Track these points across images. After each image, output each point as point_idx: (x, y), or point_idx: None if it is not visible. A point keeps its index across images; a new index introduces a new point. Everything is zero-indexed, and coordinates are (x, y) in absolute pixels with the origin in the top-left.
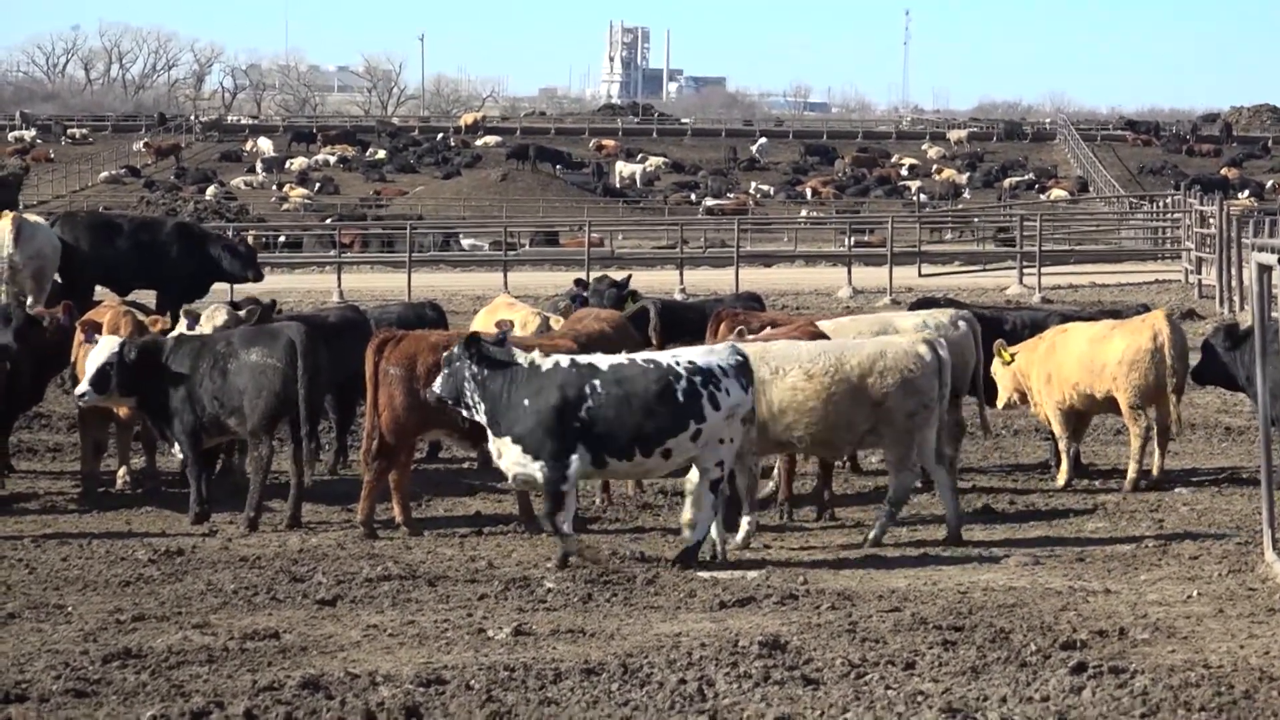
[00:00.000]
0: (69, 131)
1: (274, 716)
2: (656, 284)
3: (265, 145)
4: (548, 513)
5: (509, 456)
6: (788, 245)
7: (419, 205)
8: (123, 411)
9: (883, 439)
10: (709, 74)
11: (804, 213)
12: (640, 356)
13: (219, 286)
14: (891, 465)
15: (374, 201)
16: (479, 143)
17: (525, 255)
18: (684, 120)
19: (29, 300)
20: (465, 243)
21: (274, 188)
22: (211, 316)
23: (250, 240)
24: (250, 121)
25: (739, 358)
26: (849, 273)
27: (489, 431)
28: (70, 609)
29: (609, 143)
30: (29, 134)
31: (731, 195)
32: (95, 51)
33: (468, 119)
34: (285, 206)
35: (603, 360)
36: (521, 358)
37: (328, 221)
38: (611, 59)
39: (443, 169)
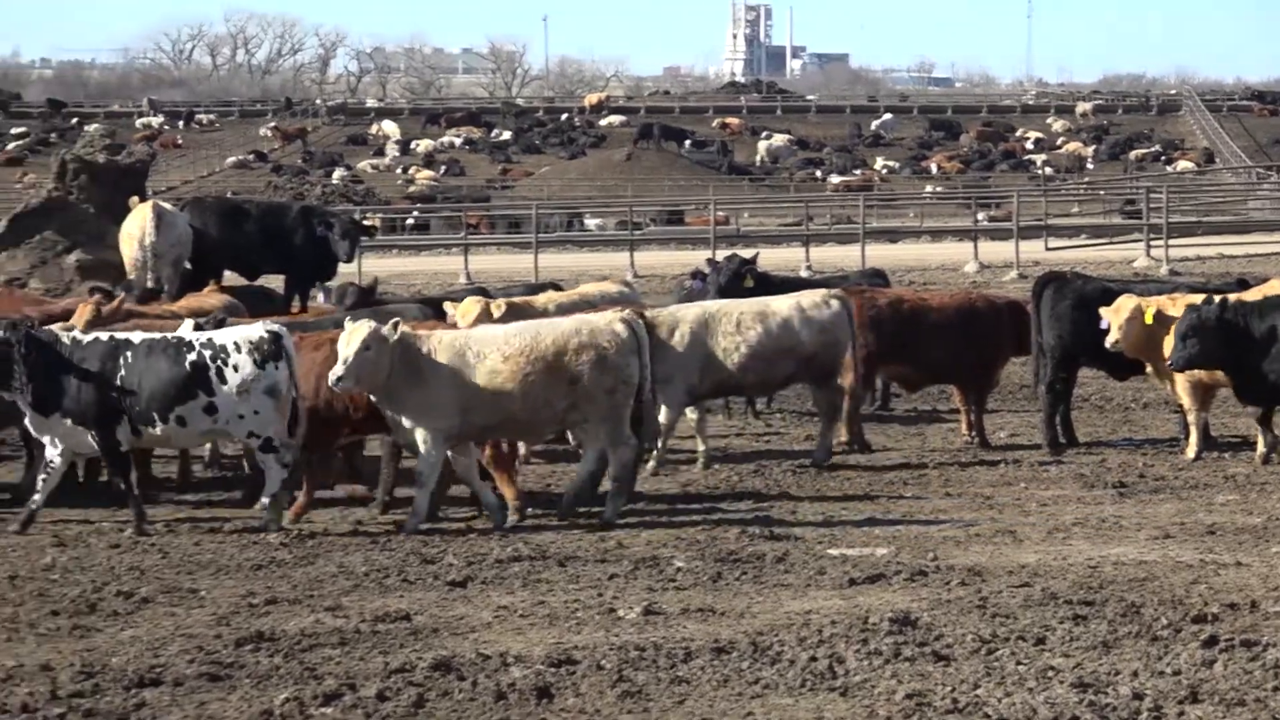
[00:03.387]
0: (196, 118)
1: (406, 698)
2: (782, 261)
3: (391, 128)
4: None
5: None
6: (913, 221)
7: (544, 186)
8: None
9: (587, 419)
10: (832, 50)
11: (929, 188)
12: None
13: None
14: (606, 445)
15: (500, 183)
16: (603, 123)
17: (650, 234)
18: (808, 97)
19: (165, 288)
20: (590, 223)
21: (400, 170)
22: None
23: (376, 223)
24: (375, 105)
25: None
26: (975, 248)
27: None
28: (203, 593)
29: (733, 121)
30: (156, 120)
31: (857, 171)
32: (221, 38)
33: (592, 99)
34: (411, 189)
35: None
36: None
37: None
38: (735, 37)
39: (568, 149)
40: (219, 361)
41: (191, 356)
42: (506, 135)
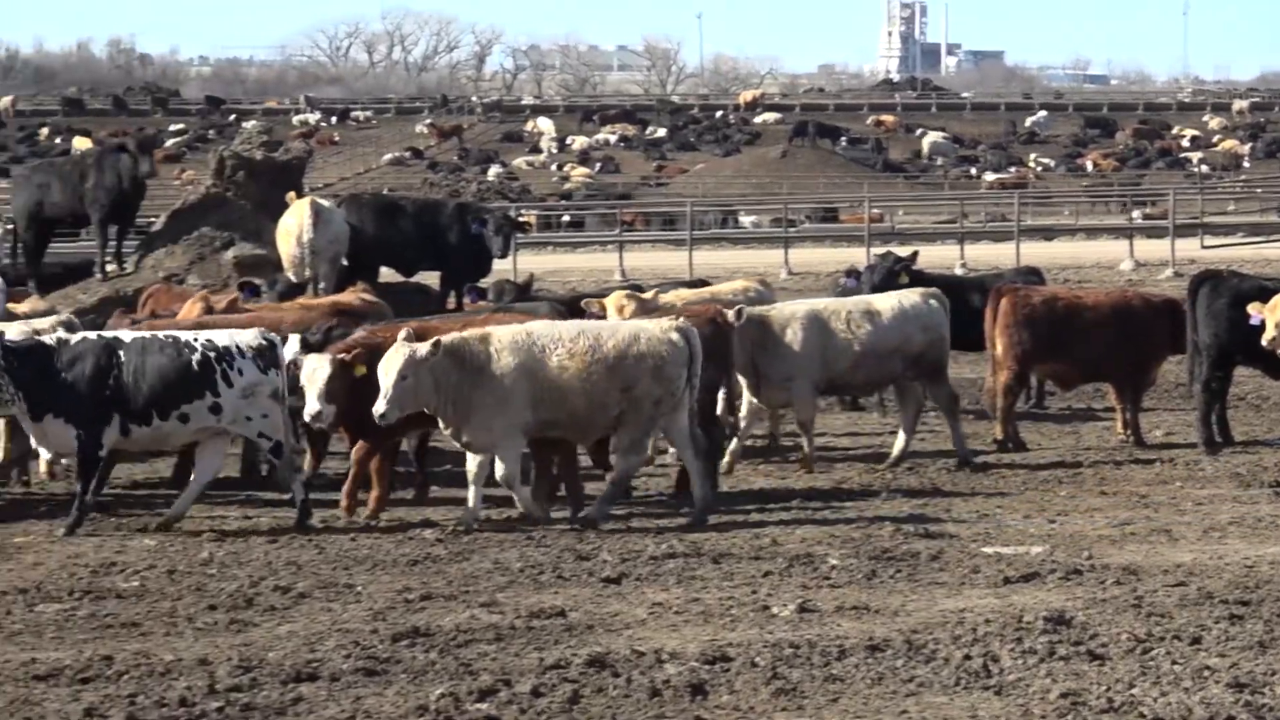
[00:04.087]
0: (352, 115)
1: (560, 694)
2: (937, 259)
3: (546, 125)
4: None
5: None
6: (1068, 219)
7: (699, 183)
8: None
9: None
10: (987, 48)
11: (1085, 185)
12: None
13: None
14: (622, 448)
15: (654, 180)
16: (758, 120)
17: (805, 232)
18: (963, 94)
19: (322, 285)
20: (745, 220)
21: (555, 167)
22: None
23: (532, 220)
24: (531, 102)
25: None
26: (1130, 246)
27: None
28: (359, 588)
29: (888, 118)
30: (313, 117)
31: (1012, 169)
32: (378, 35)
33: (747, 96)
34: (566, 186)
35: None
36: None
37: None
38: (890, 34)
39: (722, 146)
40: (223, 364)
41: (195, 356)
42: (661, 132)
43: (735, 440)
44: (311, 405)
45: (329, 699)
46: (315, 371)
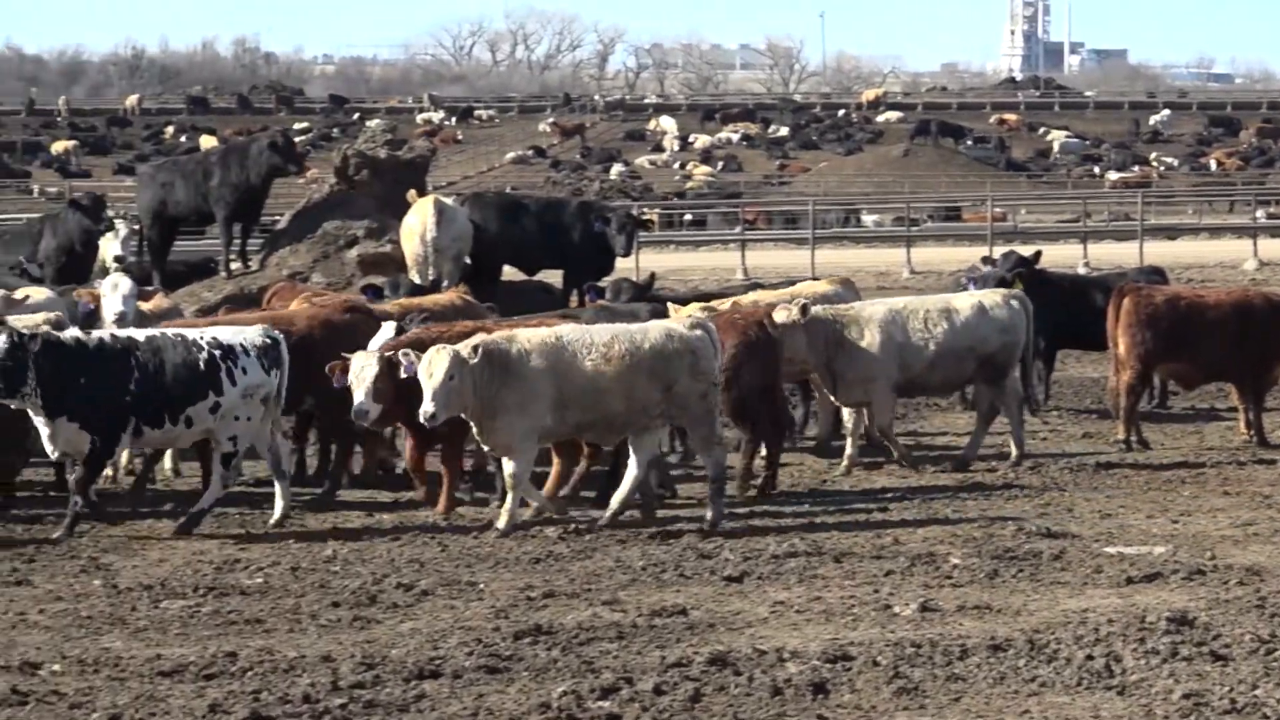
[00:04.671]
0: (475, 113)
1: (682, 693)
2: (1060, 259)
3: (668, 124)
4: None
5: None
6: (1192, 218)
7: (821, 182)
8: None
9: (684, 421)
10: (1110, 46)
11: (1208, 184)
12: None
13: None
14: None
15: (777, 178)
16: (880, 119)
17: (927, 231)
18: (1086, 93)
19: (444, 283)
20: (868, 219)
21: (677, 166)
22: None
23: (654, 218)
24: (653, 101)
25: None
26: (1254, 245)
27: None
28: (482, 586)
29: (1010, 117)
30: (437, 116)
31: (1135, 168)
32: (501, 34)
33: (869, 95)
34: (689, 185)
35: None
36: None
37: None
38: (1012, 32)
39: (844, 145)
40: (229, 362)
41: (203, 356)
42: (784, 131)
43: (850, 442)
44: (358, 402)
45: (451, 696)
46: (363, 370)
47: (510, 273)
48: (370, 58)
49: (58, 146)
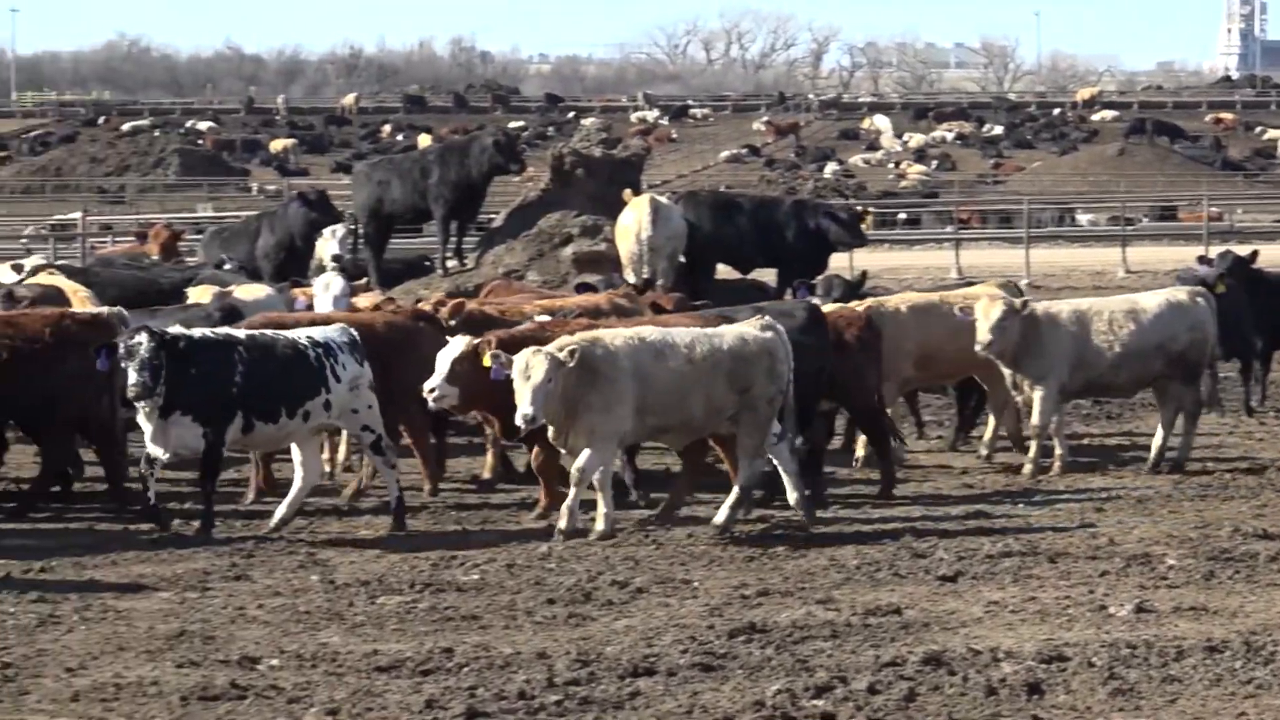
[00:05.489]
0: (690, 112)
1: (896, 692)
2: (1277, 258)
3: (882, 123)
4: None
5: None
6: None
7: (1035, 181)
8: None
9: (743, 424)
10: None
11: None
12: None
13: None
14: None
15: (991, 178)
16: (1095, 118)
17: (1143, 230)
18: None
19: (659, 282)
20: (1083, 218)
21: (891, 165)
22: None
23: (869, 216)
24: (867, 100)
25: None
26: None
27: None
28: (696, 584)
29: (1226, 116)
30: (651, 115)
31: None
32: (716, 33)
33: (1084, 94)
34: (903, 184)
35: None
36: None
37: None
38: (1229, 31)
39: (1059, 144)
40: (331, 360)
41: (310, 354)
42: (998, 130)
43: (1057, 443)
44: (434, 380)
45: (666, 694)
46: (449, 349)
47: (724, 271)
48: (585, 57)
49: (276, 145)
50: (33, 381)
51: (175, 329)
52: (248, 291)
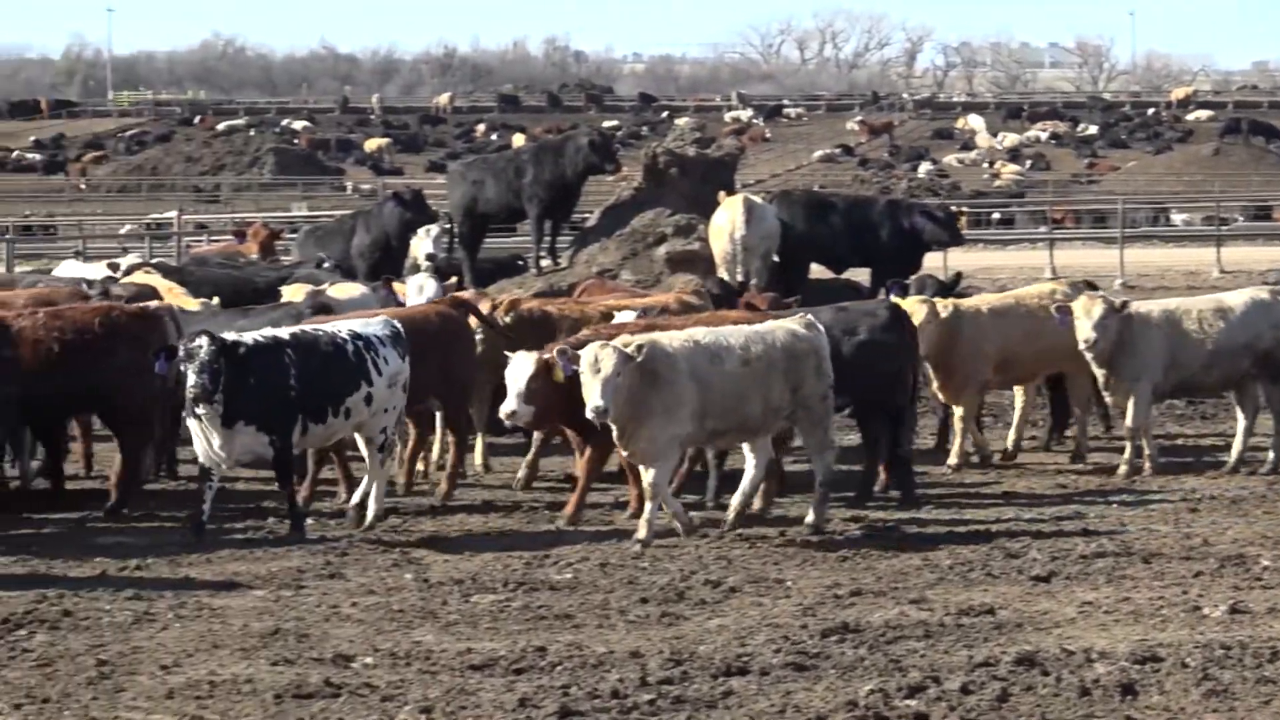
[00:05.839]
0: (783, 111)
1: (989, 692)
2: None
3: (976, 123)
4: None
5: None
6: None
7: (1130, 181)
8: None
9: (802, 423)
10: None
11: None
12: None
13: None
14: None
15: (1085, 177)
16: (1189, 117)
17: (1238, 230)
18: None
19: (753, 281)
20: (1177, 218)
21: (985, 165)
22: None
23: (963, 216)
24: (961, 99)
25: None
26: None
27: None
28: (789, 583)
29: None
30: (745, 114)
31: None
32: (809, 32)
33: (1178, 94)
34: (997, 183)
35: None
36: None
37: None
38: None
39: (1153, 144)
40: (372, 353)
41: (349, 348)
42: (1092, 129)
43: (1146, 442)
44: (510, 403)
45: (759, 693)
46: (520, 368)
47: (818, 270)
48: (679, 56)
49: (371, 144)
50: (81, 373)
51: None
52: (342, 290)
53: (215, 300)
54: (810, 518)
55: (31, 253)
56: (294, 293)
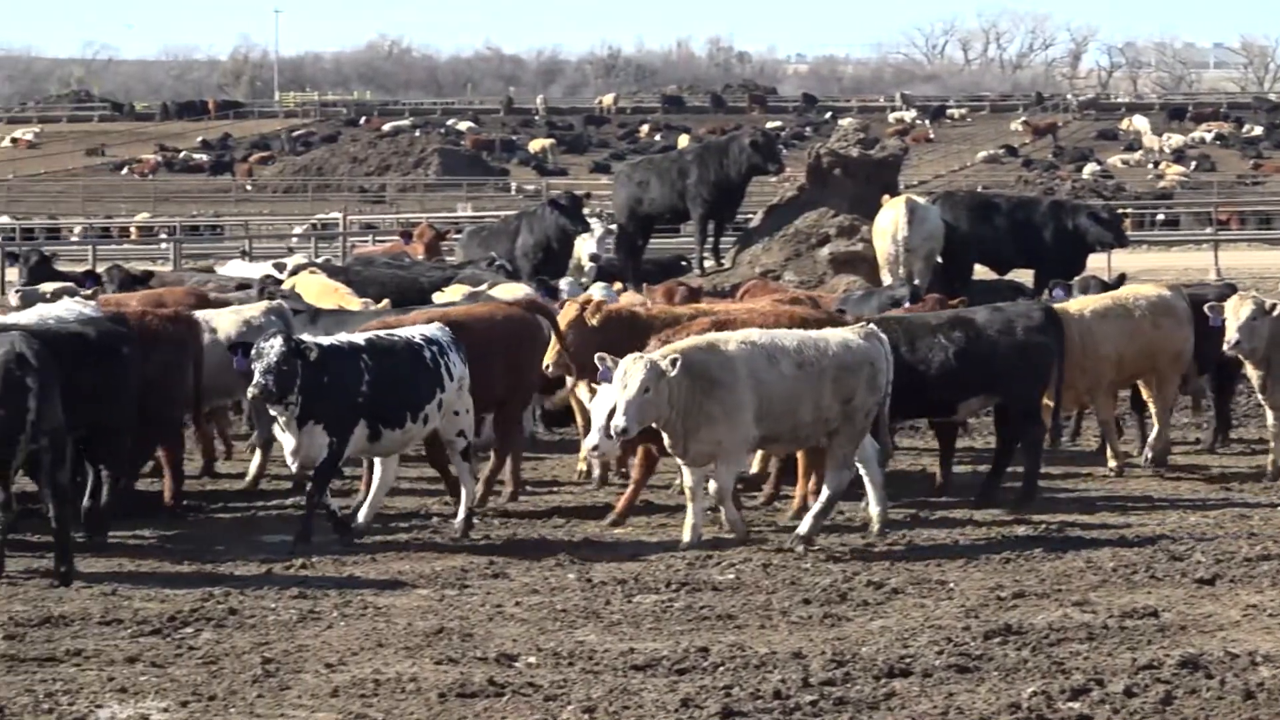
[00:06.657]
0: (947, 112)
1: (1153, 695)
2: None
3: (1141, 123)
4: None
5: None
6: None
7: None
8: None
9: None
10: None
11: None
12: None
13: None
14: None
15: (1250, 178)
16: None
17: None
18: None
19: (916, 282)
20: None
21: (1150, 166)
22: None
23: (1126, 218)
24: (1126, 100)
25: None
26: None
27: None
28: (952, 584)
29: None
30: (909, 115)
31: None
32: (973, 33)
33: None
34: (1160, 184)
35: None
36: None
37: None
38: None
39: None
40: (445, 358)
41: (426, 355)
42: (1258, 130)
43: (1276, 446)
44: (592, 438)
45: (921, 695)
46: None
47: (982, 271)
48: (843, 57)
49: (535, 145)
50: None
51: (309, 337)
52: (506, 290)
53: (385, 302)
54: (804, 528)
55: (198, 252)
56: (452, 293)
